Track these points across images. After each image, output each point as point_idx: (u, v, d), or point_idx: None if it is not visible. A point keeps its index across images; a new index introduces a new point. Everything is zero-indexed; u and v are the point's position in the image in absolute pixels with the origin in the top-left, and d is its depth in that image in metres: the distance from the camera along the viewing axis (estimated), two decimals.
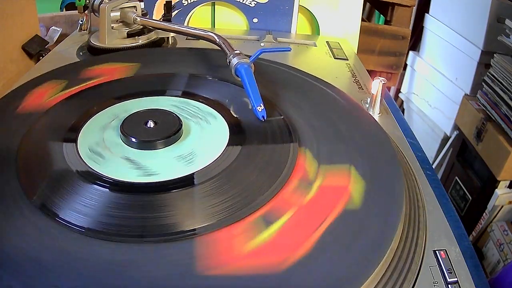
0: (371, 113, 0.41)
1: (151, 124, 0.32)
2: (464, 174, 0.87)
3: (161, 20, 0.53)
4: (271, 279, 0.21)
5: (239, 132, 0.33)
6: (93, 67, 0.43)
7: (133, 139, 0.31)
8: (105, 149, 0.31)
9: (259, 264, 0.22)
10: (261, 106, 0.34)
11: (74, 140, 0.31)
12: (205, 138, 0.33)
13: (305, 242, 0.23)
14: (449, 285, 0.24)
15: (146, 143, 0.31)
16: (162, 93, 0.38)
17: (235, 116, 0.35)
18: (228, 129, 0.33)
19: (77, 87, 0.39)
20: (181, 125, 0.32)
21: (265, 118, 0.34)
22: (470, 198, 0.85)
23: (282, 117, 0.35)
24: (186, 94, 0.38)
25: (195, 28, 0.47)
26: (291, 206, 0.26)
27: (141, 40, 0.51)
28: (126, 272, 0.22)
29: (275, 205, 0.26)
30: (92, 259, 0.22)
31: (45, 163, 0.29)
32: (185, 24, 0.63)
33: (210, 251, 0.23)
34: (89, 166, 0.29)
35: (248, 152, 0.31)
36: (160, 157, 0.30)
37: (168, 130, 0.32)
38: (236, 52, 0.39)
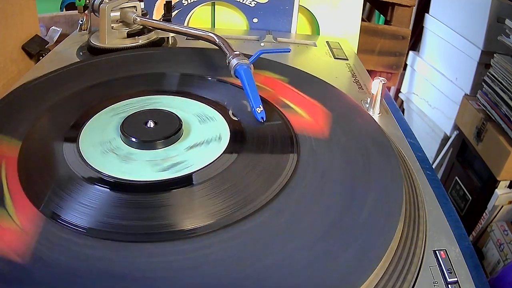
0: (371, 113, 0.41)
1: (151, 124, 0.32)
2: (464, 174, 0.87)
3: (161, 20, 0.53)
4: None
5: (239, 134, 0.33)
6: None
7: (134, 139, 0.31)
8: (107, 150, 0.31)
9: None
10: (260, 107, 0.34)
11: (75, 140, 0.31)
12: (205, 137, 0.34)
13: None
14: (449, 285, 0.24)
15: (147, 143, 0.31)
16: (160, 92, 0.38)
17: (235, 118, 0.35)
18: (228, 130, 0.34)
19: None
20: (181, 124, 0.33)
21: (264, 119, 0.34)
22: (470, 198, 0.84)
23: (280, 121, 0.35)
24: (185, 94, 0.38)
25: (195, 28, 0.47)
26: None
27: (141, 40, 0.51)
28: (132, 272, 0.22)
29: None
30: (94, 260, 0.22)
31: (47, 166, 0.29)
32: (185, 24, 0.63)
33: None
34: (91, 168, 0.29)
35: (248, 154, 0.31)
36: (161, 157, 0.30)
37: (168, 129, 0.32)
38: (235, 52, 0.39)
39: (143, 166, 0.29)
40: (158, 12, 0.61)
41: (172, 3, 0.54)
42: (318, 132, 0.33)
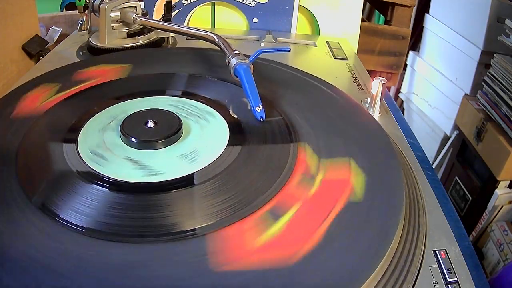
0: (371, 113, 0.41)
1: (151, 124, 0.32)
2: (464, 174, 0.87)
3: (161, 20, 0.53)
4: (282, 272, 0.22)
5: (239, 132, 0.33)
6: (86, 69, 0.42)
7: (134, 139, 0.31)
8: (106, 150, 0.31)
9: (270, 258, 0.23)
10: (259, 107, 0.34)
11: (74, 141, 0.31)
12: (205, 136, 0.33)
13: (312, 236, 0.24)
14: (449, 285, 0.24)
15: (147, 143, 0.31)
16: (161, 93, 0.38)
17: (234, 116, 0.35)
18: (227, 128, 0.34)
19: (69, 90, 0.38)
20: (181, 124, 0.32)
21: (264, 118, 0.34)
22: (470, 198, 0.84)
23: (281, 117, 0.35)
24: (185, 94, 0.38)
25: (195, 28, 0.47)
26: (296, 201, 0.27)
27: (141, 40, 0.51)
28: (132, 272, 0.22)
29: (280, 200, 0.27)
30: (93, 260, 0.22)
31: (46, 164, 0.29)
32: (185, 24, 0.63)
33: (222, 248, 0.23)
34: (91, 168, 0.29)
35: (249, 151, 0.31)
36: (162, 157, 0.30)
37: (168, 129, 0.32)
38: (235, 52, 0.39)
39: (88, 141, 0.30)
40: (158, 12, 0.61)
41: (172, 3, 0.54)
42: None
